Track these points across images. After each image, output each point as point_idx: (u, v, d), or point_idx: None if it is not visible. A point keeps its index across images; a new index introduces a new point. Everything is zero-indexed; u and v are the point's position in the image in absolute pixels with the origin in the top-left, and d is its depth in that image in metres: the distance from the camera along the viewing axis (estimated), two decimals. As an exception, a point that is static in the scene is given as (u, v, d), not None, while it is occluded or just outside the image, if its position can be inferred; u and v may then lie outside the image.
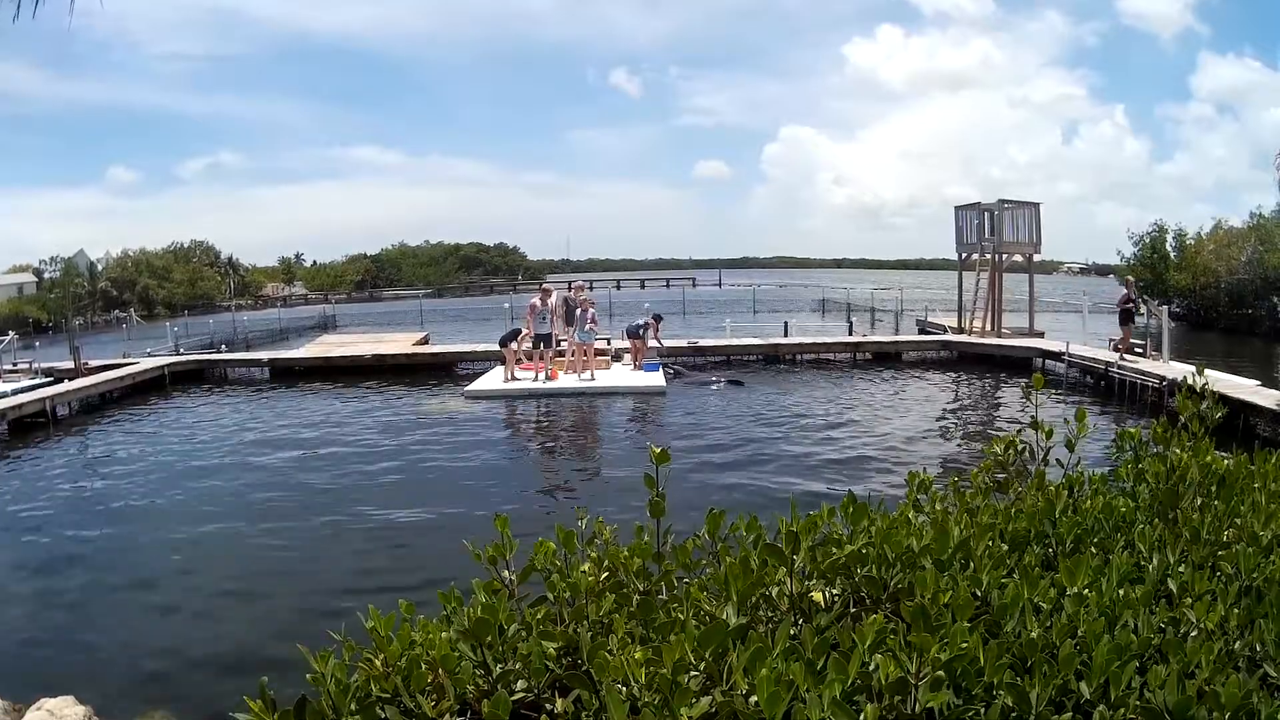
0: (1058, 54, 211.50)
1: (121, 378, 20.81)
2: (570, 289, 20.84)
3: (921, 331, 30.43)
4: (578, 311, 19.06)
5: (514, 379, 18.72)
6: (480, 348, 23.37)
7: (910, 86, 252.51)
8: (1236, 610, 1.88)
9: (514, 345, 18.86)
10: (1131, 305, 19.13)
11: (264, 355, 25.40)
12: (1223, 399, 3.34)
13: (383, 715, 1.69)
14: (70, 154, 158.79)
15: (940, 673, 1.52)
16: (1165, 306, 22.65)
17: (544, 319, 18.85)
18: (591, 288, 22.92)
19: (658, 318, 21.05)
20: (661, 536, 2.34)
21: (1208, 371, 3.54)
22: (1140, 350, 19.20)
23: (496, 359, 19.72)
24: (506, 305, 34.53)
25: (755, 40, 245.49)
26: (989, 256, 25.65)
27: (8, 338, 24.88)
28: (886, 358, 24.03)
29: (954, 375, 21.59)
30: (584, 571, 2.13)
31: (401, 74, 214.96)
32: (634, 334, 20.18)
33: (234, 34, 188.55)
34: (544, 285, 21.18)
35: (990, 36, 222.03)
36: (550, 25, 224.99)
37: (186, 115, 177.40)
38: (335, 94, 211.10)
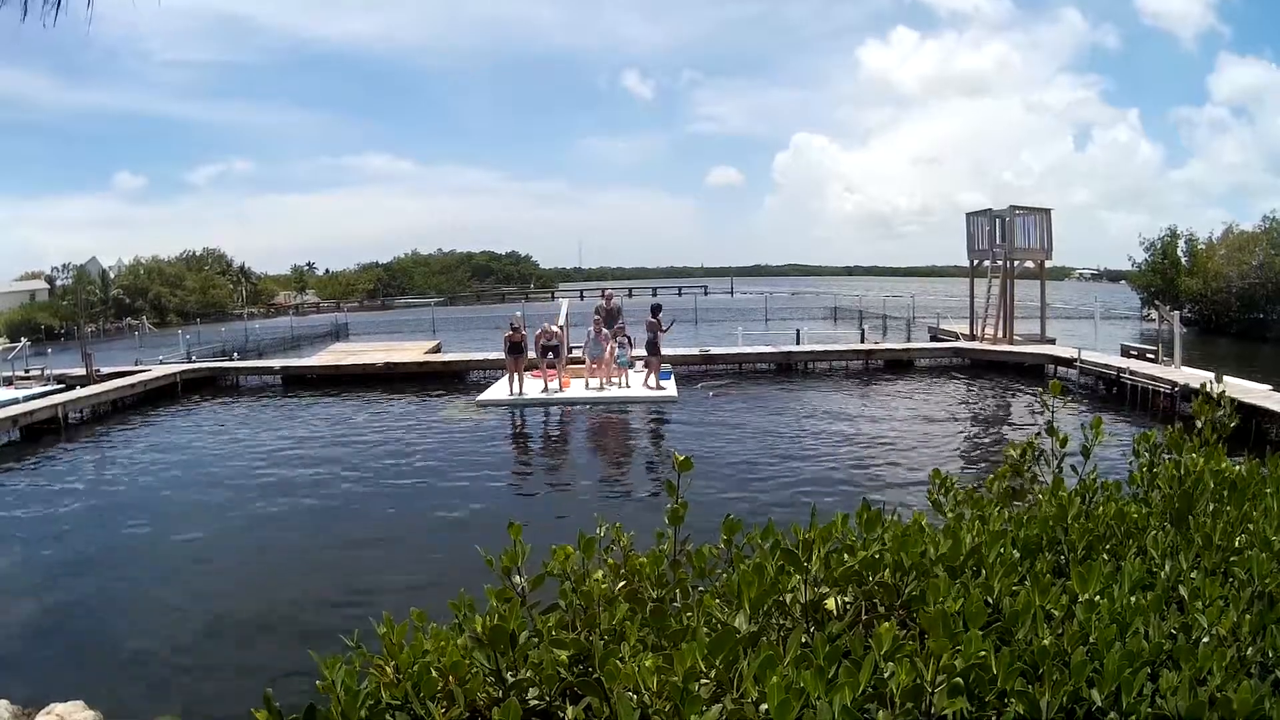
0: (1073, 58, 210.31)
1: (133, 385, 20.97)
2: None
3: (933, 338, 30.33)
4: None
5: (520, 392, 18.72)
6: (492, 356, 23.37)
7: (923, 92, 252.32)
8: (1248, 616, 1.87)
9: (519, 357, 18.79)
10: None
11: (276, 363, 25.51)
12: (1235, 404, 3.33)
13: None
14: (78, 161, 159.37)
15: (958, 679, 1.52)
16: (1176, 312, 22.53)
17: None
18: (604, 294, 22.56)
19: (656, 308, 19.35)
20: (678, 544, 2.34)
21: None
22: (1151, 356, 19.09)
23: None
24: (519, 313, 34.40)
25: (767, 47, 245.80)
26: (1000, 263, 25.60)
27: (20, 344, 25.09)
28: (899, 365, 24.01)
29: (966, 382, 21.52)
30: (597, 579, 2.13)
31: (411, 82, 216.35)
32: (651, 349, 19.16)
33: (244, 42, 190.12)
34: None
35: (1005, 39, 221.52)
36: (560, 34, 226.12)
37: (196, 123, 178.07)
38: (345, 102, 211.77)
